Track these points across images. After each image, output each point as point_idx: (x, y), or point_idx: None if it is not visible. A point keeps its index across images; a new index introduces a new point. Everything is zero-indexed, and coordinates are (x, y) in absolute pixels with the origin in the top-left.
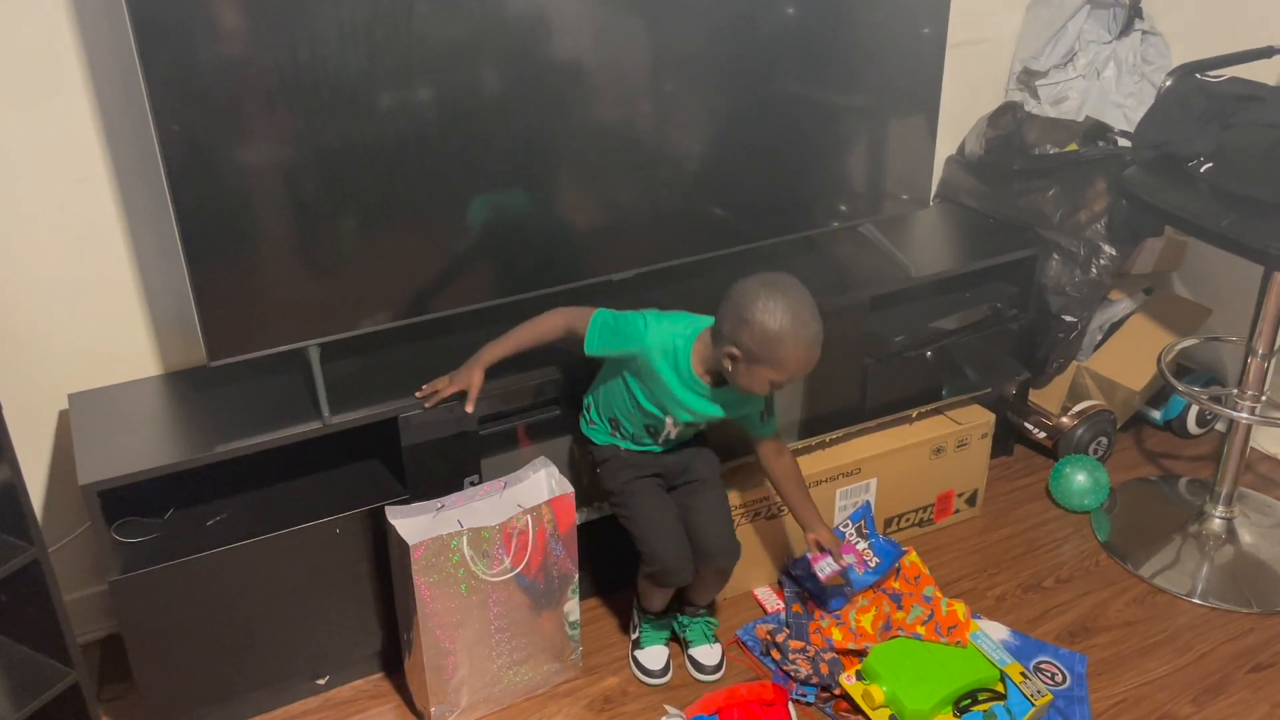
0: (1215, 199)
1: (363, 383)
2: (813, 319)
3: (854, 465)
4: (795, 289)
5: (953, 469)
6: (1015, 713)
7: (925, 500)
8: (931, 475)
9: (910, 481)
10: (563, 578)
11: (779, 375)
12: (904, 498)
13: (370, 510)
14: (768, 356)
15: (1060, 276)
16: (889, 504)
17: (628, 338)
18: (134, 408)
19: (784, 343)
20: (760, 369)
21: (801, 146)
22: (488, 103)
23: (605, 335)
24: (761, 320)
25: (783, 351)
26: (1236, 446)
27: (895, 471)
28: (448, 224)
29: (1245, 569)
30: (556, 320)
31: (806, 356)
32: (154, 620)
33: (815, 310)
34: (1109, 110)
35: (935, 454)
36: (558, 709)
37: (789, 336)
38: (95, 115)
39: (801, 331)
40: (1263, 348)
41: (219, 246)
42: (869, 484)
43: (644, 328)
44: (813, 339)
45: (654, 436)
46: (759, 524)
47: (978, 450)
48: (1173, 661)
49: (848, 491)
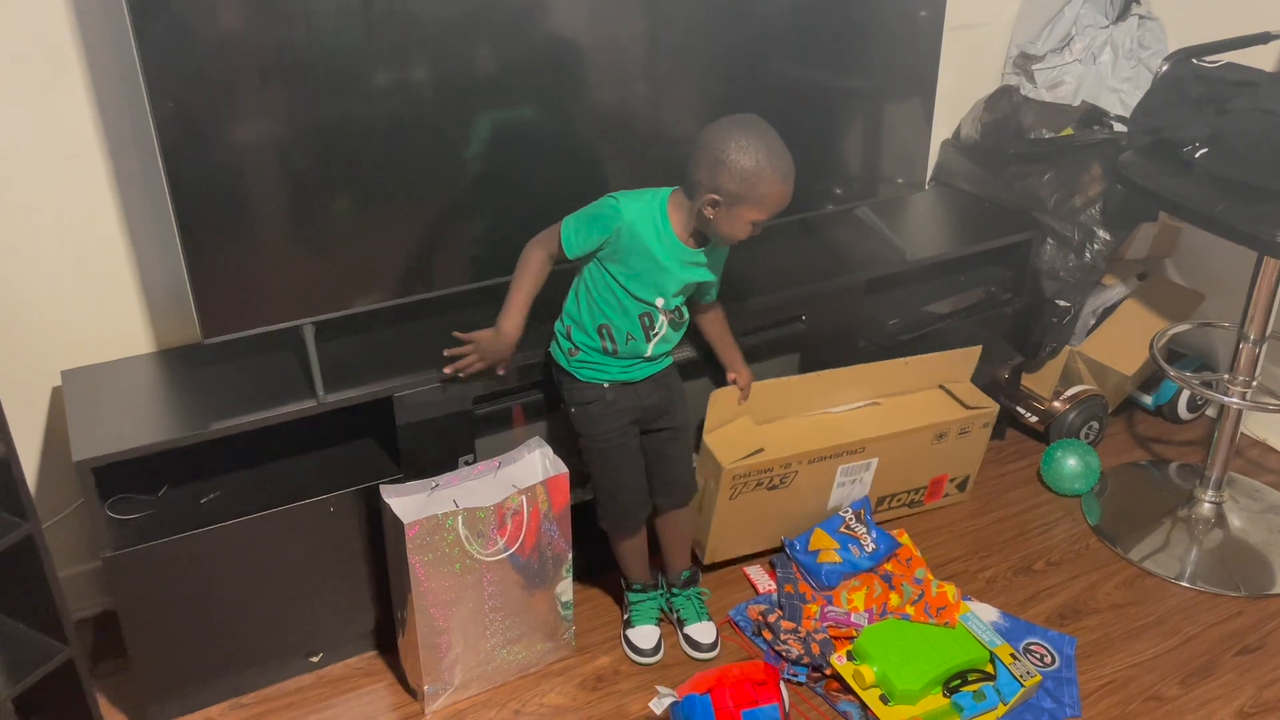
0: (1210, 184)
1: (357, 362)
2: (785, 152)
3: (859, 444)
4: (762, 125)
5: (950, 454)
6: (1004, 693)
7: (918, 483)
8: (929, 459)
9: (909, 464)
10: (556, 558)
11: (760, 213)
12: (899, 478)
13: (365, 489)
14: (748, 194)
15: (1054, 261)
16: (883, 483)
17: (605, 221)
18: (128, 385)
19: (762, 178)
20: (741, 210)
21: (798, 129)
22: (483, 80)
23: (582, 230)
24: (737, 160)
25: (762, 187)
26: (1227, 432)
27: (897, 453)
28: (443, 203)
29: (1234, 553)
30: (537, 254)
31: (784, 190)
32: (148, 597)
33: (784, 145)
34: (1105, 95)
35: (938, 439)
36: (550, 688)
37: (766, 171)
38: (88, 91)
39: (777, 164)
40: (1254, 333)
41: (214, 224)
42: (870, 464)
43: (618, 205)
44: (788, 171)
45: (646, 334)
46: (756, 495)
47: (978, 438)
48: (1161, 644)
49: (849, 470)
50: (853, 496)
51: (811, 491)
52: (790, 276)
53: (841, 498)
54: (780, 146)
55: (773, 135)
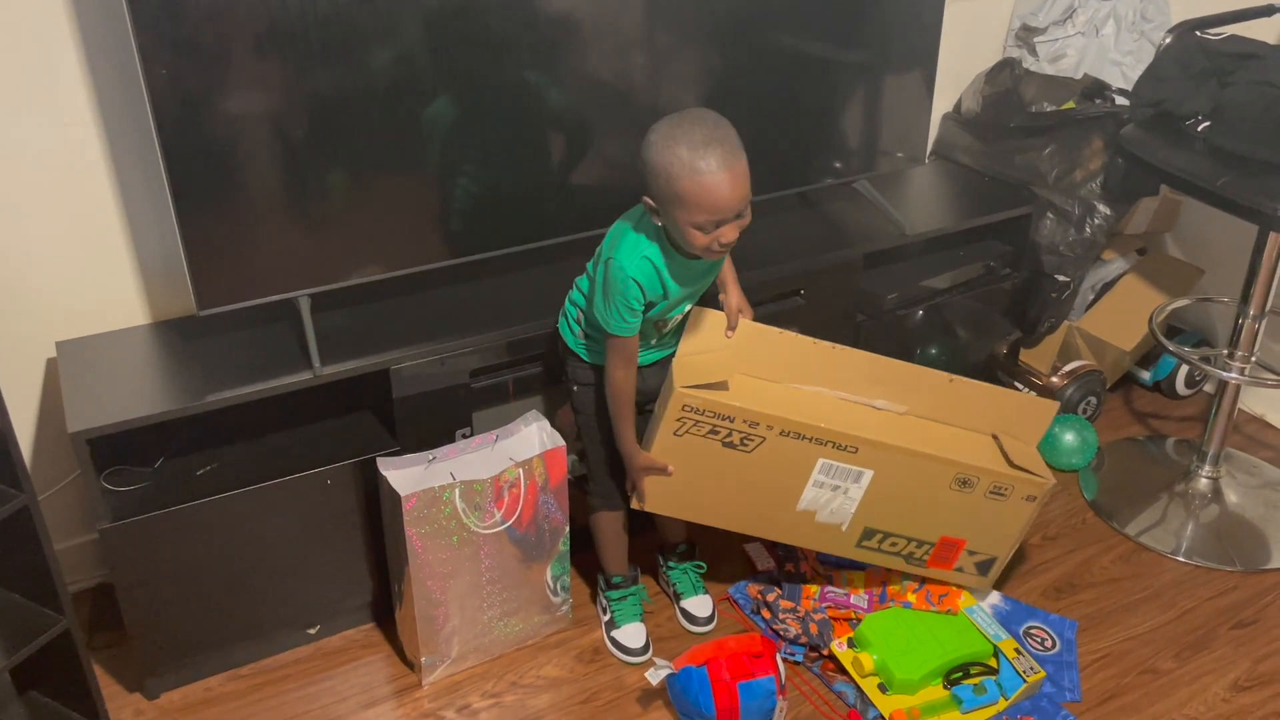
0: (1212, 158)
1: (354, 334)
2: (716, 143)
3: (852, 440)
4: (690, 118)
5: (974, 515)
6: (1006, 688)
7: (923, 534)
8: (944, 509)
9: (916, 502)
10: (554, 531)
11: (695, 216)
12: (898, 516)
13: (362, 462)
14: (672, 195)
15: (1054, 235)
16: (877, 511)
17: (624, 292)
18: (123, 356)
19: (681, 176)
20: (676, 213)
21: (798, 102)
22: (480, 50)
23: (624, 309)
24: (655, 159)
25: (684, 186)
26: (1225, 407)
27: (902, 479)
28: (440, 175)
29: (1230, 528)
30: (618, 375)
31: (713, 186)
32: (145, 569)
33: (721, 136)
34: (1107, 68)
35: (960, 485)
36: (547, 660)
37: (685, 168)
38: (81, 60)
39: (699, 161)
40: (1254, 308)
41: (208, 194)
42: (862, 474)
43: (623, 266)
44: (717, 166)
45: (658, 332)
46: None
47: (1016, 511)
48: (1156, 618)
49: (832, 469)
50: (832, 508)
51: (779, 475)
52: (789, 251)
53: (817, 502)
54: (708, 138)
55: (703, 128)
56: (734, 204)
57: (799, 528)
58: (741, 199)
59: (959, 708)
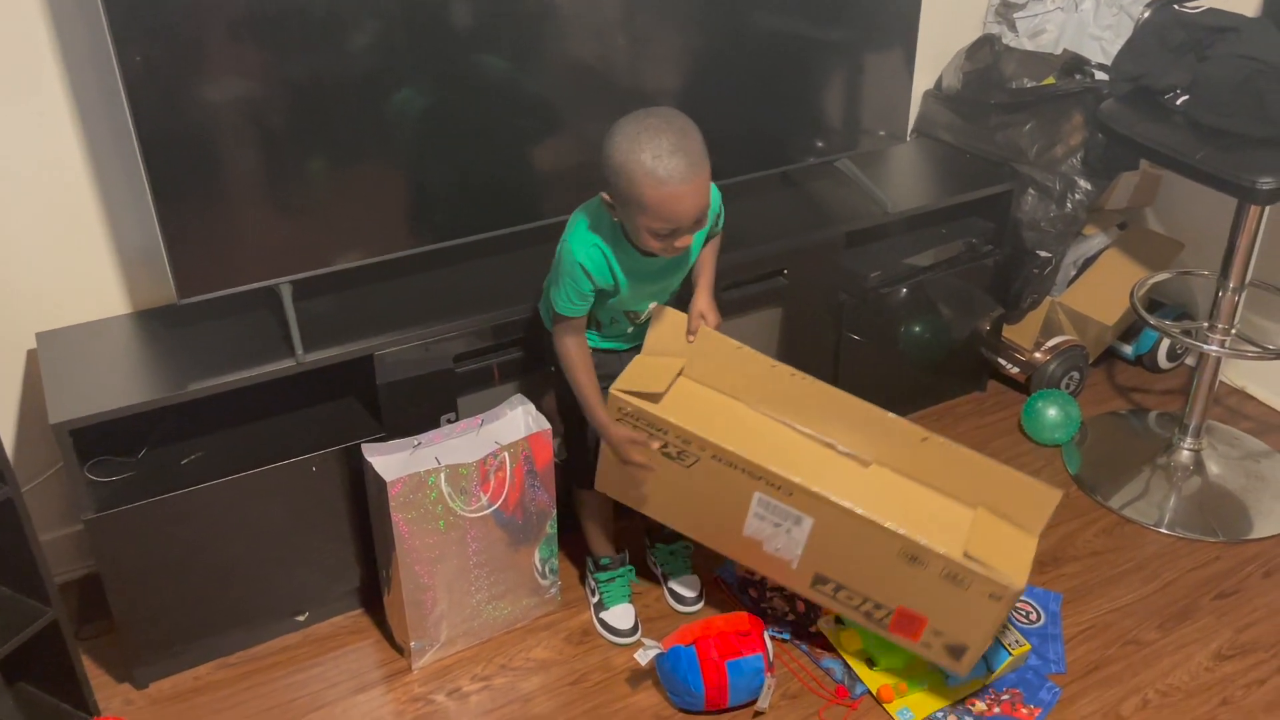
0: (1190, 131)
1: (337, 321)
2: (678, 153)
3: (785, 484)
4: (660, 121)
5: (934, 597)
6: (992, 661)
7: (881, 598)
8: (898, 580)
9: (867, 564)
10: (540, 514)
11: (651, 220)
12: (852, 571)
13: (347, 448)
14: (634, 201)
15: (1035, 212)
16: (830, 560)
17: (572, 275)
18: (104, 346)
19: (643, 184)
20: (634, 215)
21: (778, 81)
22: (458, 34)
23: (572, 292)
24: (618, 160)
25: (645, 193)
26: (1206, 379)
27: (843, 536)
28: (420, 159)
29: (1212, 499)
30: (567, 341)
31: (674, 197)
32: (131, 558)
33: (687, 146)
34: (1087, 43)
35: (908, 560)
36: (536, 642)
37: (648, 176)
38: (55, 48)
39: (661, 170)
40: (1234, 281)
41: (186, 182)
42: (801, 519)
43: (573, 249)
44: (680, 178)
45: (632, 322)
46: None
47: (979, 604)
48: (1140, 589)
49: (770, 506)
50: (777, 545)
51: (722, 497)
52: (771, 231)
53: (761, 533)
54: (674, 147)
55: (670, 136)
56: (692, 215)
57: (750, 552)
58: (701, 209)
59: (945, 681)
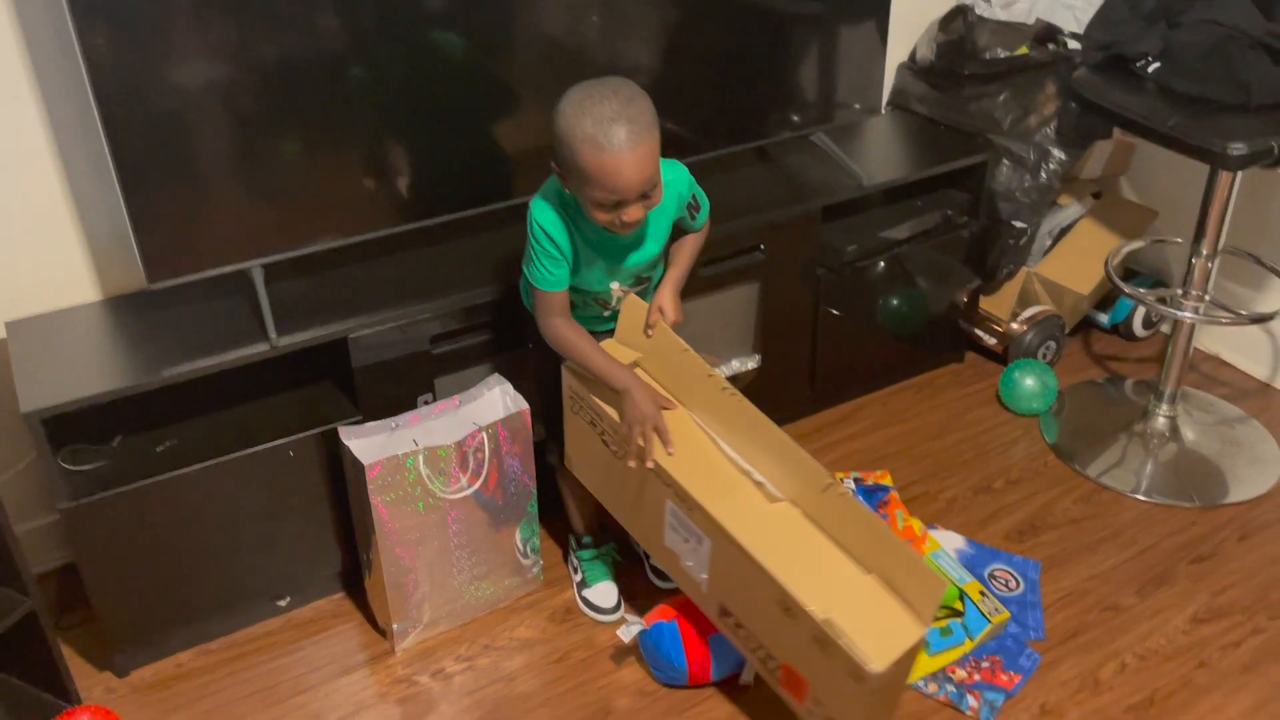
0: (1162, 99)
1: (310, 304)
2: (620, 120)
3: (688, 501)
4: (606, 90)
5: (810, 658)
6: (972, 629)
7: (770, 646)
8: (782, 629)
9: (753, 601)
10: (521, 493)
11: (595, 192)
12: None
13: (324, 432)
14: (577, 170)
15: (1010, 182)
16: (733, 594)
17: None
18: (75, 334)
19: (583, 151)
20: (578, 187)
21: (752, 55)
22: (426, 10)
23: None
24: (562, 128)
25: (585, 161)
26: (1180, 346)
27: (732, 566)
28: (391, 140)
29: (1188, 465)
30: (555, 323)
31: (614, 165)
32: (108, 547)
33: (632, 114)
34: (1059, 12)
35: (784, 611)
36: (520, 621)
37: (589, 143)
38: (16, 33)
39: (602, 137)
40: (1207, 248)
41: (153, 166)
42: (703, 540)
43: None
44: (620, 145)
45: (604, 308)
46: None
47: (842, 681)
48: (1117, 556)
49: (679, 519)
50: (689, 562)
51: (645, 498)
52: (748, 205)
53: (677, 545)
54: (617, 114)
55: (615, 102)
56: (635, 185)
57: (673, 564)
58: (645, 180)
59: (925, 650)
